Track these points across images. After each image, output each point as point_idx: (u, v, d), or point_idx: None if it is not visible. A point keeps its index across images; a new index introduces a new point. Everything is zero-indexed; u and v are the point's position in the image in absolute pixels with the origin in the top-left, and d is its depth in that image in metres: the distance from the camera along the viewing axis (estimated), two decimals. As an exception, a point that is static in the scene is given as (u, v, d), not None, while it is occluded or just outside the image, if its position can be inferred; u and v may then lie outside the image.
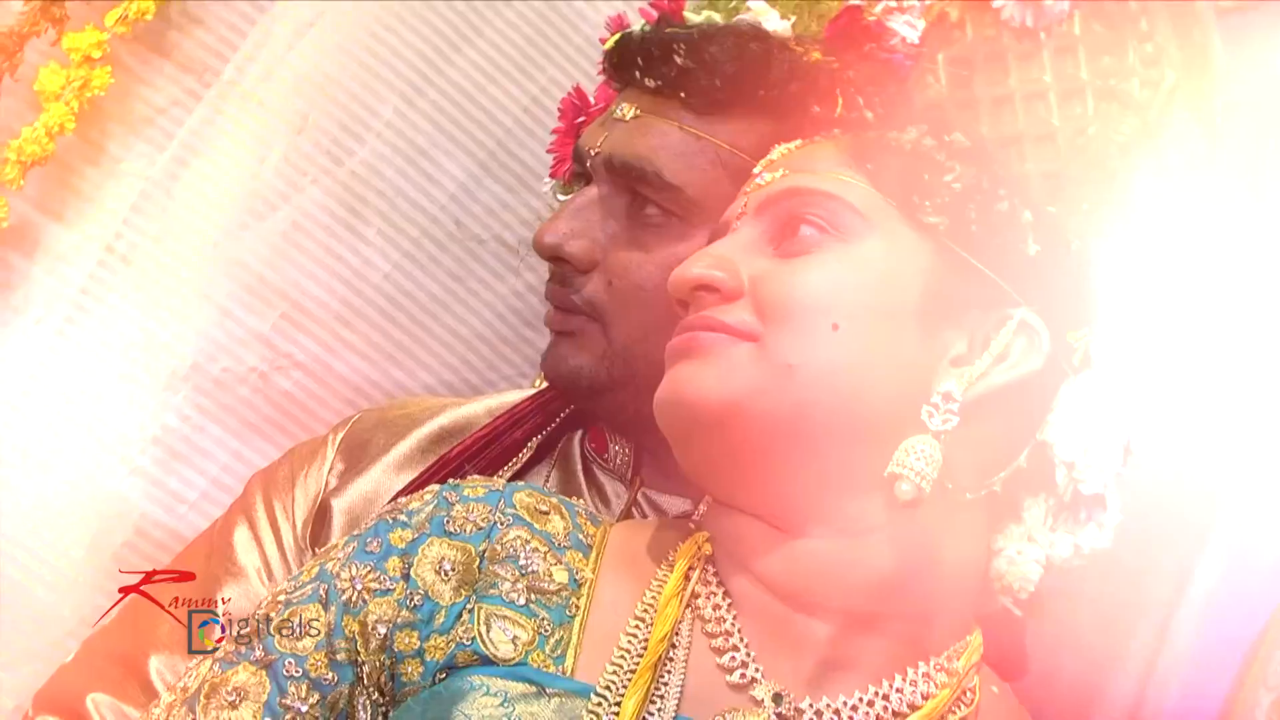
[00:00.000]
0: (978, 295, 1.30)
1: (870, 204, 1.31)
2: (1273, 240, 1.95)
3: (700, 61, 1.57)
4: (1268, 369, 1.90)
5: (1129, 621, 1.93)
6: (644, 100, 1.61)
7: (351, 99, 2.10)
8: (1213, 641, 2.01)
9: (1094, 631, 1.86)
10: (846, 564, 1.27)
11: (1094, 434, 1.32)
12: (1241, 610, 2.03)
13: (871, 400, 1.26)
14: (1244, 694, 2.05)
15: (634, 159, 1.58)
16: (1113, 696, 1.93)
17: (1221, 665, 2.04)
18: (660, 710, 1.22)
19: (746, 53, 1.57)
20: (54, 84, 1.97)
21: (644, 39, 1.62)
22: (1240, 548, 1.98)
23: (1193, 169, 1.85)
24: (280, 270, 2.09)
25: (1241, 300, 1.91)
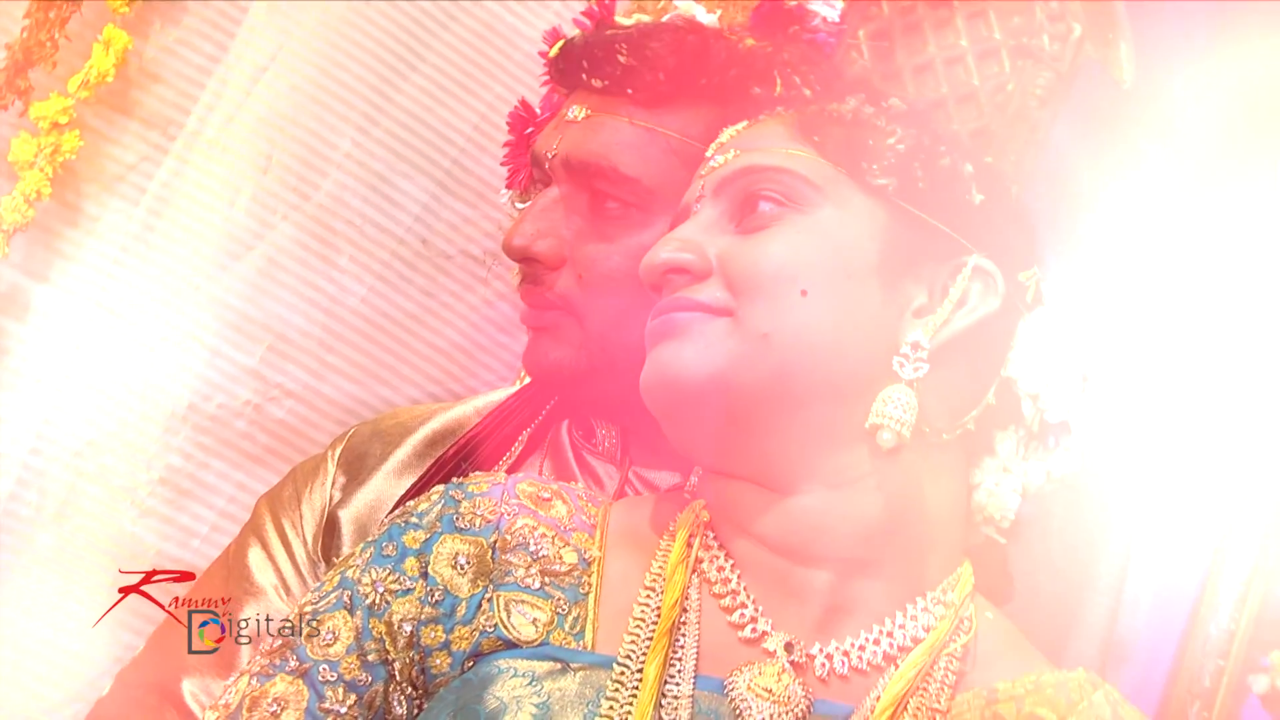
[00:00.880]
0: (932, 248, 1.30)
1: (821, 173, 1.31)
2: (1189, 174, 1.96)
3: (642, 58, 1.56)
4: (1210, 294, 1.91)
5: (1097, 545, 1.94)
6: (593, 100, 1.60)
7: (310, 135, 2.08)
8: (1175, 558, 2.02)
9: (1065, 558, 1.86)
10: (839, 515, 1.27)
11: (1053, 366, 1.32)
12: (1199, 527, 2.04)
13: (845, 357, 1.26)
14: (1203, 607, 2.06)
15: (590, 156, 1.57)
16: (1089, 617, 1.94)
17: (1184, 580, 2.05)
18: (680, 672, 1.22)
19: (685, 45, 1.56)
20: (26, 153, 1.95)
21: (586, 43, 1.62)
22: (1195, 472, 1.99)
23: (1104, 113, 1.85)
24: (261, 305, 2.07)
25: (1174, 232, 1.92)
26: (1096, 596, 1.95)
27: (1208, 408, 2.02)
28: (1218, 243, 1.97)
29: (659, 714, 1.19)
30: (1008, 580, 1.39)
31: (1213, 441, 2.03)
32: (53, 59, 1.95)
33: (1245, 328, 2.06)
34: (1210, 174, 2.01)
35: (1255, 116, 2.03)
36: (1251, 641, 2.02)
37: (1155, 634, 2.03)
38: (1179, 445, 2.00)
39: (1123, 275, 1.84)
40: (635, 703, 1.19)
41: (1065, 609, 1.89)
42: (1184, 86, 1.96)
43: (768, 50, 1.58)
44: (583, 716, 1.18)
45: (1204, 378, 2.01)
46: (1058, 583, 1.84)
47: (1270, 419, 2.04)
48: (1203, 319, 1.99)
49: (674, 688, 1.21)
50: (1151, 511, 1.98)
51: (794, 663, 1.24)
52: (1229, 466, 2.05)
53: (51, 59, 1.95)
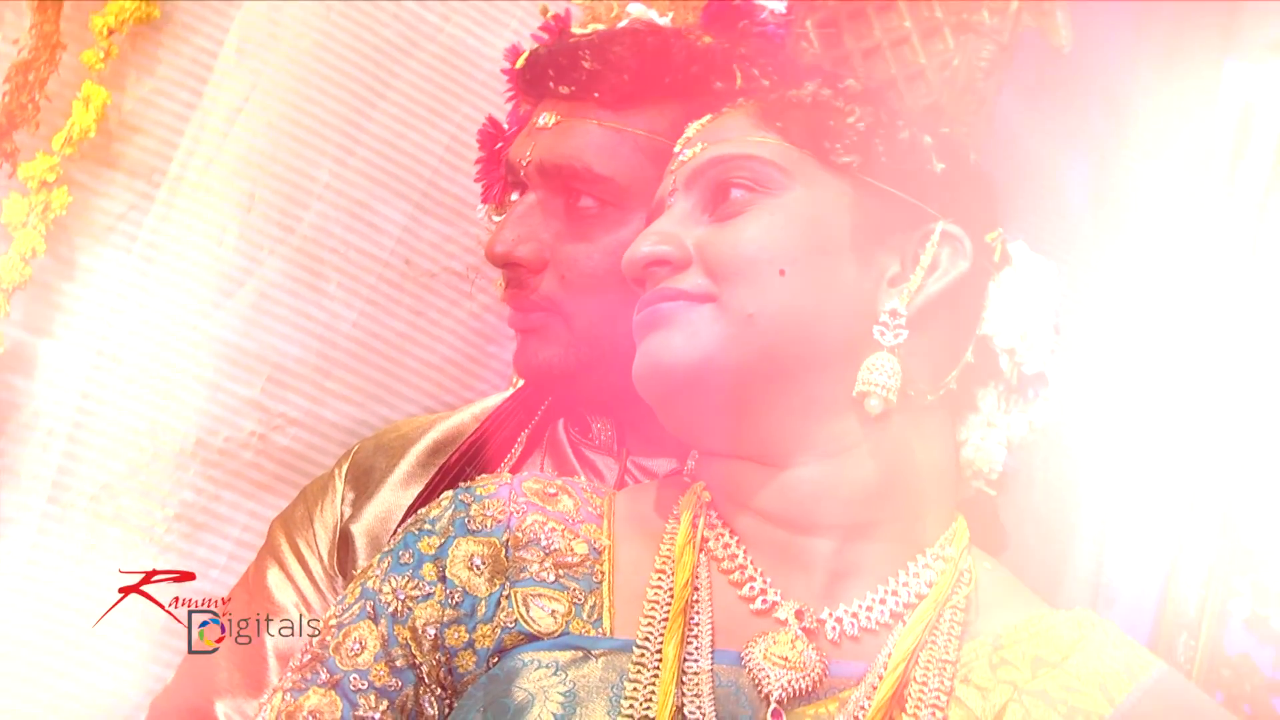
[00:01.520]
0: (900, 218, 1.30)
1: (787, 157, 1.30)
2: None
3: (606, 62, 1.55)
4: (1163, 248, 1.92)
5: (1078, 493, 1.94)
6: (561, 107, 1.59)
7: (289, 170, 2.06)
8: (1152, 499, 2.02)
9: (1049, 507, 1.86)
10: (835, 483, 1.26)
11: (1026, 320, 1.32)
12: (1173, 467, 2.04)
13: (827, 330, 1.25)
14: (1182, 542, 2.07)
15: (563, 159, 1.56)
16: (1076, 562, 1.94)
17: (1163, 518, 2.05)
18: (698, 649, 1.21)
19: (646, 47, 1.55)
20: (18, 213, 1.94)
21: (551, 52, 1.61)
22: (1165, 415, 1.99)
23: (1047, 78, 1.85)
24: (257, 338, 2.04)
25: (1125, 189, 1.93)
26: (1082, 542, 1.95)
27: (1167, 356, 2.03)
28: (1167, 201, 1.98)
29: (681, 691, 1.18)
30: (1000, 531, 1.39)
31: (1178, 386, 2.04)
32: (35, 120, 1.93)
33: (1199, 278, 2.07)
34: (1149, 129, 2.02)
35: (1187, 77, 2.04)
36: (1229, 570, 2.03)
37: (1140, 572, 2.03)
38: (1146, 392, 2.01)
39: (1077, 233, 1.84)
40: (658, 682, 1.17)
41: (1054, 556, 1.90)
42: (1118, 50, 1.97)
43: (725, 46, 1.57)
44: (608, 700, 1.17)
45: (1162, 326, 2.02)
46: (1044, 532, 1.84)
47: (1227, 361, 2.05)
48: (1156, 273, 2.00)
49: (693, 664, 1.20)
50: (1127, 456, 1.98)
51: (806, 629, 1.22)
52: (1196, 409, 2.06)
53: (34, 120, 1.93)
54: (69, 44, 1.94)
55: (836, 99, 1.33)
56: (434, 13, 2.12)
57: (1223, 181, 2.12)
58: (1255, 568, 2.02)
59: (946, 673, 1.21)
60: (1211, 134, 2.10)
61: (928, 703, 1.18)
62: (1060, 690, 1.21)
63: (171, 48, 2.01)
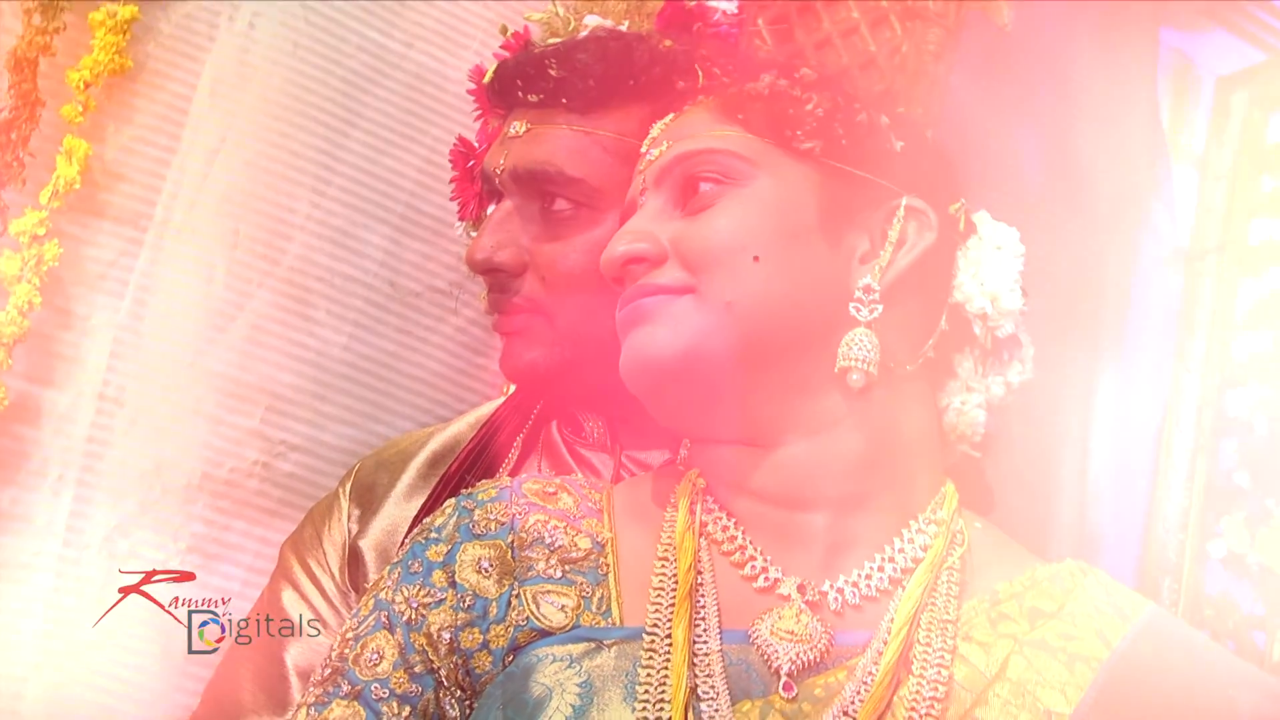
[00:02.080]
0: (865, 197, 1.28)
1: (751, 148, 1.28)
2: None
3: (572, 69, 1.54)
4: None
5: (1055, 451, 1.94)
6: (531, 114, 1.57)
7: (270, 205, 2.04)
8: (1126, 451, 2.02)
9: (1029, 466, 1.85)
10: (825, 458, 1.25)
11: (995, 286, 1.31)
12: (1142, 418, 2.04)
13: (805, 311, 1.24)
14: (1157, 490, 2.06)
15: (536, 165, 1.54)
16: (1060, 518, 1.93)
17: (1138, 469, 2.05)
18: (706, 630, 1.19)
19: (609, 52, 1.54)
20: (12, 268, 1.93)
21: (518, 63, 1.59)
22: (1129, 369, 1.99)
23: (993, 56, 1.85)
24: (253, 369, 2.03)
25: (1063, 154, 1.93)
26: (1064, 498, 1.94)
27: (1126, 314, 2.03)
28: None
29: (693, 672, 1.16)
30: (988, 491, 1.37)
31: (1137, 343, 2.04)
32: (22, 177, 1.92)
33: (1150, 235, 2.07)
34: (1093, 98, 2.02)
35: (1125, 46, 2.04)
36: (1204, 513, 2.03)
37: (1121, 523, 2.03)
38: (1109, 350, 2.01)
39: (1035, 201, 1.83)
40: (670, 665, 1.15)
41: (1038, 514, 1.88)
42: (1059, 25, 1.97)
43: (685, 47, 1.56)
44: (623, 687, 1.15)
45: (1120, 284, 2.03)
46: (1027, 491, 1.83)
47: (1180, 316, 2.06)
48: (1111, 236, 2.00)
49: (703, 645, 1.18)
50: (1099, 411, 1.97)
51: (809, 602, 1.21)
52: (1155, 366, 2.07)
53: (20, 177, 1.92)
54: (47, 100, 1.93)
55: (793, 88, 1.32)
56: (397, 41, 2.11)
57: (1165, 144, 2.12)
58: (1228, 509, 2.02)
59: (948, 632, 1.19)
60: (1151, 99, 2.10)
61: (933, 663, 1.17)
62: (1059, 638, 1.20)
63: (147, 96, 2.00)
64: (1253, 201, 2.10)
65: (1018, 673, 1.18)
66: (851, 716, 1.14)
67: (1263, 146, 2.12)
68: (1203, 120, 2.14)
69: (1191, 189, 2.12)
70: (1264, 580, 1.97)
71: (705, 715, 1.14)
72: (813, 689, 1.16)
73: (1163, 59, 2.13)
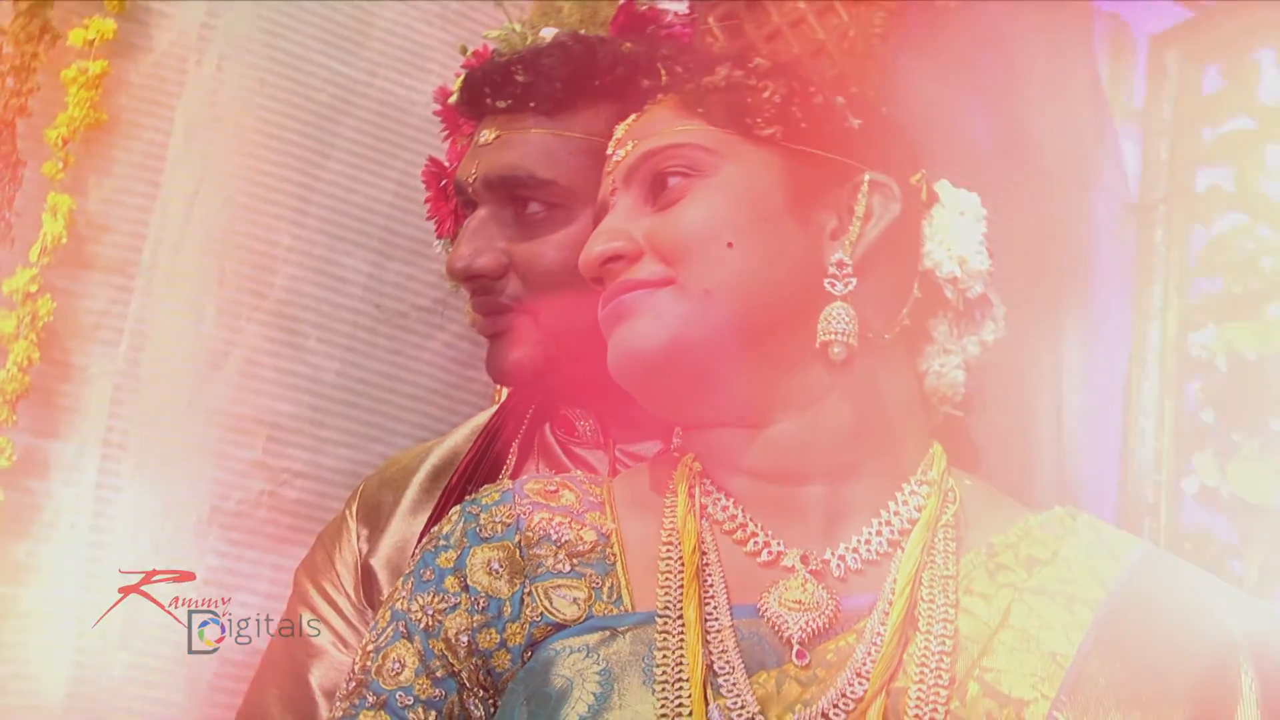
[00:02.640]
0: (829, 176, 1.27)
1: (714, 139, 1.27)
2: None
3: (538, 73, 1.52)
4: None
5: (1031, 406, 1.93)
6: (500, 121, 1.56)
7: (253, 239, 2.04)
8: (1096, 401, 2.02)
9: (1007, 423, 1.84)
10: (814, 432, 1.23)
11: (961, 250, 1.30)
12: (1109, 367, 2.04)
13: (782, 291, 1.23)
14: (1130, 436, 2.06)
15: (507, 170, 1.53)
16: (1040, 471, 1.93)
17: (1109, 417, 2.05)
18: (716, 608, 1.18)
19: (573, 55, 1.52)
20: (8, 327, 1.92)
21: (485, 72, 1.57)
22: (1093, 322, 1.99)
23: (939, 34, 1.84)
24: (251, 402, 2.02)
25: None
26: (1042, 451, 1.94)
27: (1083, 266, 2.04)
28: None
29: (708, 649, 1.15)
30: (973, 449, 1.36)
31: (1094, 295, 2.04)
32: (10, 237, 1.92)
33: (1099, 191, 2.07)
34: (1035, 67, 2.02)
35: (1063, 13, 2.04)
36: (1176, 452, 2.03)
37: (1098, 469, 2.03)
38: (1069, 303, 2.01)
39: (988, 168, 1.83)
40: (684, 645, 1.14)
41: (1019, 468, 1.88)
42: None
43: (646, 48, 1.54)
44: (641, 671, 1.14)
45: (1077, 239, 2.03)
46: (1006, 447, 1.82)
47: (1123, 278, 2.07)
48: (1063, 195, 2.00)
49: (714, 623, 1.17)
50: (1067, 365, 1.97)
51: (813, 571, 1.19)
52: (1118, 315, 2.07)
53: (9, 238, 1.92)
54: (28, 159, 1.93)
55: (749, 78, 1.30)
56: (361, 70, 2.11)
57: (1106, 105, 2.12)
58: (1198, 447, 2.02)
59: (950, 587, 1.18)
60: (1089, 62, 2.10)
61: (938, 618, 1.16)
62: (1056, 583, 1.19)
63: (123, 146, 1.99)
64: (1195, 152, 2.11)
65: (1020, 620, 1.17)
66: (865, 677, 1.13)
67: (1199, 99, 2.12)
68: (1140, 79, 2.15)
69: (1136, 145, 2.12)
70: (1236, 510, 1.98)
71: (724, 689, 1.12)
72: (825, 654, 1.15)
73: (1097, 23, 2.14)
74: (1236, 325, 2.01)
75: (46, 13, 1.95)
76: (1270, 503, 1.96)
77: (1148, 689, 1.14)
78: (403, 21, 2.14)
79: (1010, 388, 1.85)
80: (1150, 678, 1.15)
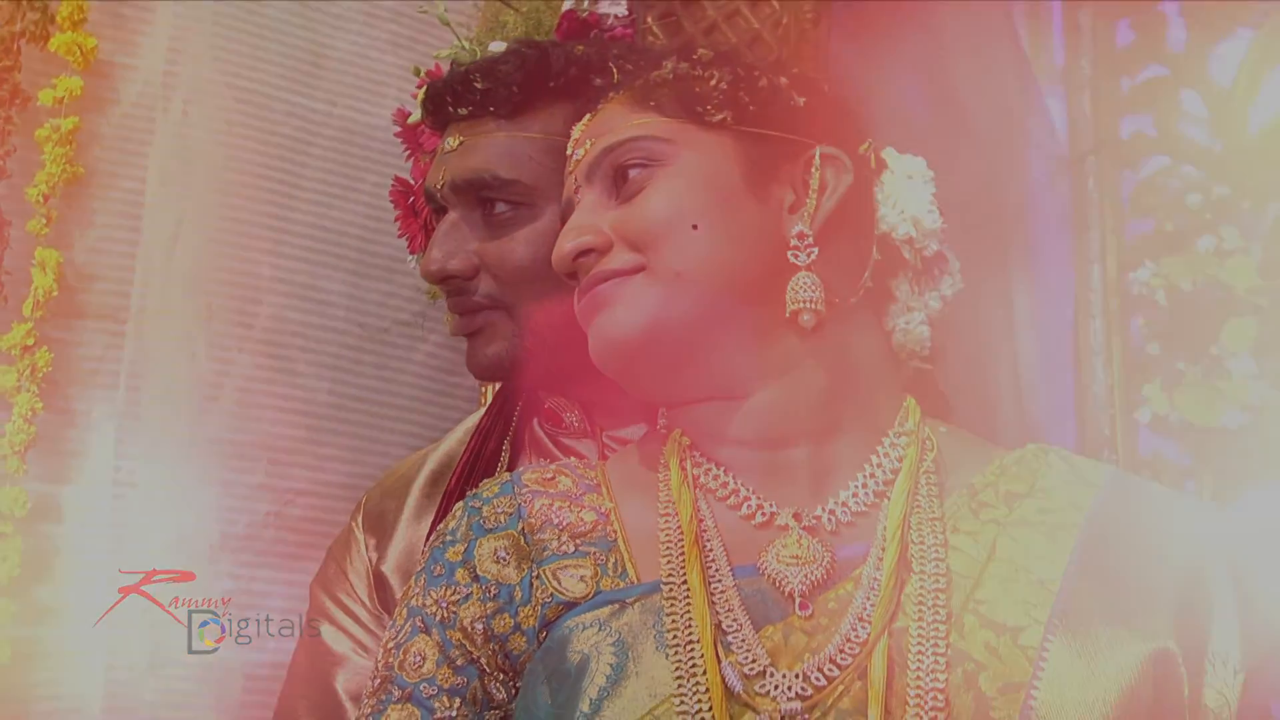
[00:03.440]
0: (781, 153, 1.26)
1: (668, 130, 1.26)
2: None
3: (496, 79, 1.50)
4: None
5: (987, 355, 1.93)
6: (463, 128, 1.54)
7: (236, 273, 2.05)
8: (1047, 343, 2.02)
9: (967, 374, 1.83)
10: (794, 397, 1.22)
11: (913, 211, 1.29)
12: (1058, 314, 2.05)
13: (749, 266, 1.22)
14: (1082, 374, 2.07)
15: (471, 173, 1.51)
16: (1003, 416, 1.93)
17: (1061, 358, 2.06)
18: (717, 571, 1.17)
19: (528, 60, 1.50)
20: (9, 381, 1.92)
21: (446, 82, 1.55)
22: (1038, 271, 1.99)
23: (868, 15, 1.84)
24: (249, 429, 2.03)
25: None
26: (1002, 396, 1.94)
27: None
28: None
29: (715, 610, 1.14)
30: (943, 399, 1.35)
31: (1037, 250, 2.05)
32: (3, 295, 1.92)
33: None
34: (959, 38, 2.01)
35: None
36: (1126, 386, 2.04)
37: (1055, 408, 2.04)
38: (1018, 257, 2.01)
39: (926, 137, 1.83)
40: (692, 608, 1.13)
41: (983, 414, 1.87)
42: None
43: (597, 49, 1.53)
44: (654, 637, 1.13)
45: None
46: (969, 395, 1.81)
47: (1062, 227, 2.07)
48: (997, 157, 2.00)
49: (718, 585, 1.15)
50: (1019, 314, 1.97)
51: (806, 527, 1.18)
52: (1061, 262, 2.07)
53: (2, 296, 1.92)
54: (12, 219, 1.93)
55: (695, 69, 1.29)
56: (320, 100, 2.11)
57: (1029, 66, 2.12)
58: (1147, 378, 2.03)
59: (937, 528, 1.17)
60: (1009, 28, 2.11)
61: (929, 558, 1.15)
62: (1037, 514, 1.19)
63: (102, 197, 1.99)
64: (1116, 103, 2.12)
65: (1006, 552, 1.16)
66: (866, 620, 1.12)
67: (1114, 52, 2.13)
68: (1058, 39, 2.15)
69: (1061, 102, 2.13)
70: (1186, 434, 2.00)
71: (734, 646, 1.11)
72: (826, 603, 1.14)
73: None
74: (1171, 260, 2.03)
75: (15, 77, 1.93)
76: (1216, 424, 1.98)
77: (1132, 603, 1.14)
78: (357, 50, 2.15)
79: (968, 339, 1.85)
80: (1133, 592, 1.15)
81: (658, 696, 1.09)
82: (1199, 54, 2.08)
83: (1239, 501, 1.95)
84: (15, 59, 1.94)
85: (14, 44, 1.94)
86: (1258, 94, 2.06)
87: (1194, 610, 1.14)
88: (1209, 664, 1.13)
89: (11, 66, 1.93)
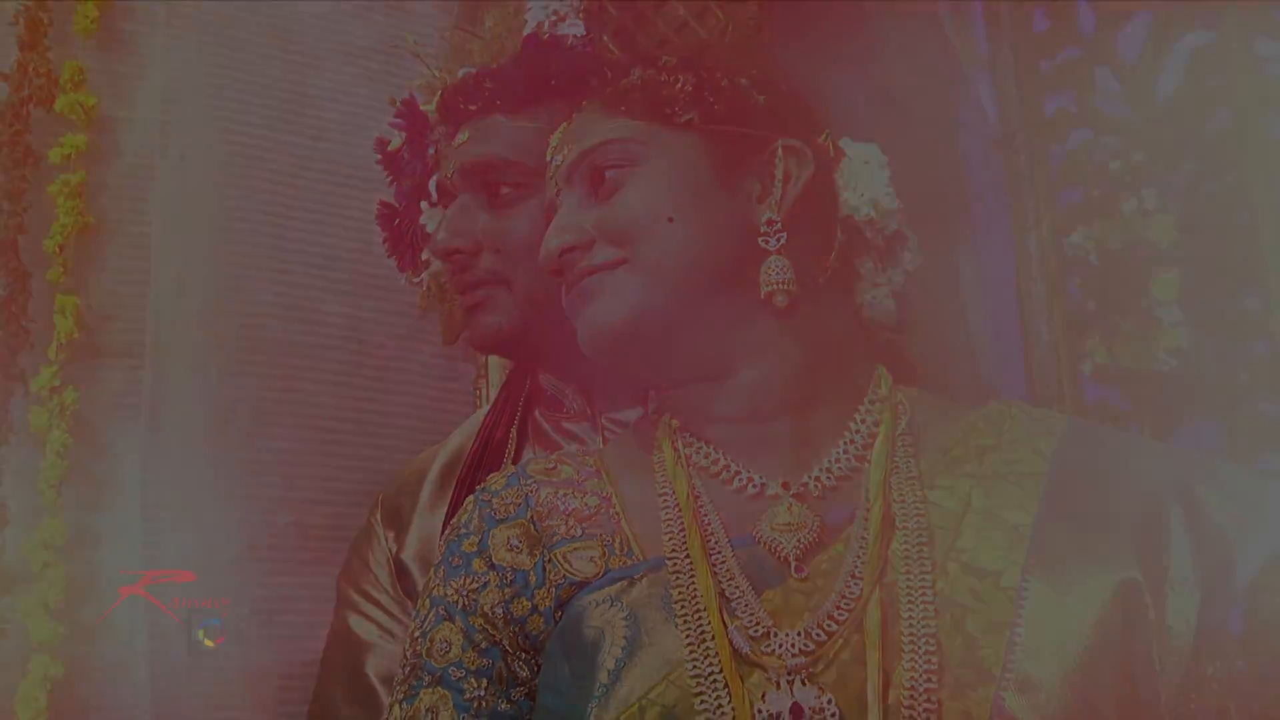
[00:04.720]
0: (746, 148, 1.25)
1: (640, 132, 1.25)
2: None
3: (502, 80, 1.52)
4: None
5: (941, 324, 1.91)
6: (471, 123, 1.54)
7: (238, 310, 2.04)
8: (995, 307, 2.01)
9: (923, 344, 1.82)
10: (773, 374, 1.21)
11: (871, 194, 1.28)
12: (1002, 280, 2.04)
13: (723, 254, 1.21)
14: (1026, 334, 2.06)
15: (478, 158, 1.51)
16: (958, 377, 1.91)
17: (1006, 317, 2.04)
18: (716, 543, 1.15)
19: (531, 60, 1.52)
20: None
21: (456, 86, 1.57)
22: (982, 243, 1.98)
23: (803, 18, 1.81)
24: (265, 445, 2.01)
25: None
26: (957, 361, 1.91)
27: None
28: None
29: (717, 580, 1.12)
30: (911, 366, 1.34)
31: (979, 223, 2.03)
32: (29, 342, 1.92)
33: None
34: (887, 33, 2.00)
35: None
36: (1069, 342, 2.03)
37: (1006, 368, 2.02)
38: (959, 234, 2.00)
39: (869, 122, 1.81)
40: (696, 579, 1.11)
41: (941, 379, 1.85)
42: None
43: (591, 50, 1.55)
44: (662, 609, 1.11)
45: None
46: (927, 362, 1.80)
47: (1000, 200, 2.06)
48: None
49: (718, 556, 1.14)
50: (966, 283, 1.96)
51: (795, 495, 1.17)
52: (1002, 233, 2.06)
53: (28, 343, 1.92)
54: (32, 271, 1.93)
55: (660, 74, 1.29)
56: (306, 136, 2.09)
57: (956, 55, 2.11)
58: (1088, 334, 2.01)
59: (916, 486, 1.16)
60: (935, 21, 2.09)
61: (911, 514, 1.14)
62: (1005, 465, 1.18)
63: (112, 243, 1.98)
64: (1039, 84, 2.10)
65: (981, 502, 1.15)
66: (858, 577, 1.11)
67: (1032, 38, 2.12)
68: (980, 27, 2.14)
69: (988, 86, 2.11)
70: (1126, 381, 1.98)
71: (738, 611, 1.10)
72: (820, 565, 1.13)
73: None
74: (1100, 223, 2.02)
75: (26, 139, 1.94)
76: (1151, 369, 1.97)
77: (1098, 539, 1.13)
78: (336, 87, 2.14)
79: (922, 311, 1.83)
80: (1098, 529, 1.13)
81: (671, 663, 1.08)
82: (1108, 35, 2.07)
83: (1174, 437, 1.95)
84: (25, 123, 1.97)
85: (23, 109, 1.98)
86: (1161, 69, 2.05)
87: (1153, 540, 1.13)
88: (1169, 588, 1.11)
89: (22, 130, 1.95)
